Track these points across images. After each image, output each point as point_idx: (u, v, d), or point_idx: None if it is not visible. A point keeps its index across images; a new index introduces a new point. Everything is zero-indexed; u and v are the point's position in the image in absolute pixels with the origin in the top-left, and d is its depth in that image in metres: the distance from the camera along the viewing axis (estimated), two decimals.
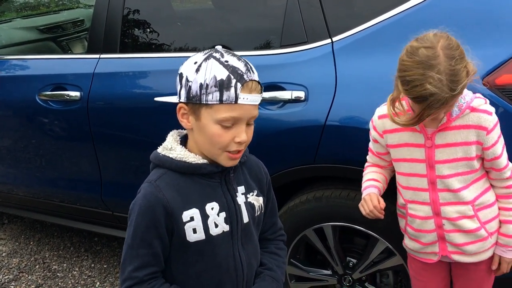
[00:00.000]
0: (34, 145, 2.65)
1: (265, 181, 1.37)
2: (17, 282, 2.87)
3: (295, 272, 2.19)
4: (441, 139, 1.50)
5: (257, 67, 2.00)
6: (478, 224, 1.55)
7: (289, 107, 1.91)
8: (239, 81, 1.12)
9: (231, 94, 1.12)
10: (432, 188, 1.55)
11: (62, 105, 2.43)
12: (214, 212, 1.21)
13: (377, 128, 1.61)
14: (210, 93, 1.12)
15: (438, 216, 1.56)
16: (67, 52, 3.64)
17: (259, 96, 1.18)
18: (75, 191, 2.68)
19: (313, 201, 1.99)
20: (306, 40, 1.94)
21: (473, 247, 1.57)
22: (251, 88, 1.15)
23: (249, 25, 2.23)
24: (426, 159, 1.52)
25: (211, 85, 1.12)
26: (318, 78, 1.89)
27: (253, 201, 1.30)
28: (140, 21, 2.42)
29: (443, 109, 1.38)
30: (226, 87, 1.11)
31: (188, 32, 2.46)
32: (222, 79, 1.12)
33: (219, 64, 1.13)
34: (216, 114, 1.14)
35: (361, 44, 1.85)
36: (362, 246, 2.10)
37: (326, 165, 1.94)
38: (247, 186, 1.30)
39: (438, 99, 1.32)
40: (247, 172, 1.33)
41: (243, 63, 1.16)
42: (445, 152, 1.50)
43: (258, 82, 1.17)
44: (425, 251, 1.64)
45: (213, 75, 1.12)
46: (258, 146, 2.01)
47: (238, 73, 1.13)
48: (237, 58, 1.16)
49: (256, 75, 1.17)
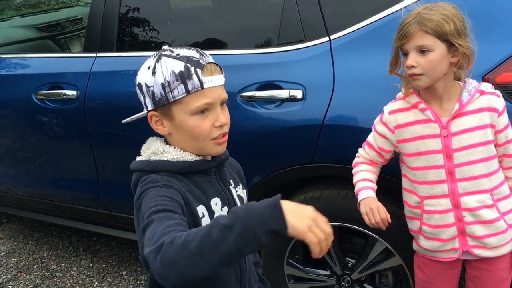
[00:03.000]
0: (32, 144, 2.64)
1: (244, 177, 1.40)
2: (15, 281, 2.86)
3: (293, 272, 2.17)
4: (456, 126, 1.50)
5: (255, 66, 2.02)
6: (498, 214, 1.53)
7: (286, 106, 1.89)
8: (198, 67, 1.12)
9: (195, 82, 1.11)
10: (450, 179, 1.53)
11: (59, 104, 2.42)
12: (218, 207, 1.20)
13: (388, 123, 1.60)
14: (174, 89, 1.12)
15: (458, 208, 1.53)
16: (66, 50, 3.63)
17: (222, 76, 1.17)
18: (73, 190, 2.66)
19: (311, 201, 1.97)
20: (303, 38, 1.92)
21: (493, 240, 1.54)
22: (212, 70, 1.14)
23: (247, 23, 2.21)
24: (443, 148, 1.51)
25: (172, 80, 1.11)
26: (316, 76, 1.87)
27: (241, 194, 1.32)
28: (137, 19, 2.40)
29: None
30: (187, 77, 1.11)
31: (185, 30, 2.44)
32: (181, 71, 1.11)
33: (172, 59, 1.13)
34: (188, 106, 1.13)
35: (359, 42, 1.83)
36: (361, 247, 2.08)
37: (324, 164, 1.92)
38: (234, 180, 1.32)
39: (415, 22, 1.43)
40: (230, 168, 1.35)
41: (195, 50, 1.16)
42: (462, 138, 1.49)
43: (216, 64, 1.17)
44: (444, 248, 1.60)
45: (171, 70, 1.12)
46: (255, 145, 2.00)
47: (193, 61, 1.13)
48: (187, 48, 1.16)
49: (211, 58, 1.17)
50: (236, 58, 2.05)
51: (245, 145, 1.99)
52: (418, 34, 1.44)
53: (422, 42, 1.44)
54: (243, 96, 1.94)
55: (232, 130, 2.01)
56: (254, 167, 2.02)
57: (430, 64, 1.44)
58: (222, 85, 1.18)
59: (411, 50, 1.46)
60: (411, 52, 1.47)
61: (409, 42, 1.46)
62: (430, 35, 1.43)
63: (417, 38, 1.44)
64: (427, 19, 1.43)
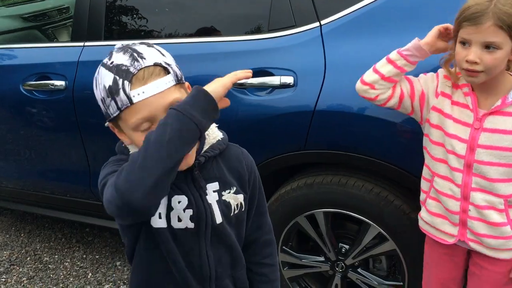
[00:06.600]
0: (21, 136, 2.60)
1: (247, 177, 1.20)
2: (8, 274, 2.84)
3: (287, 259, 2.17)
4: (490, 123, 1.41)
5: (245, 52, 2.00)
6: (505, 220, 1.45)
7: (278, 93, 1.88)
8: (126, 79, 0.98)
9: (123, 98, 0.98)
10: (467, 171, 1.45)
11: (47, 95, 2.38)
12: (180, 206, 1.09)
13: (439, 84, 1.50)
14: (109, 106, 1.01)
15: (466, 201, 1.47)
16: (53, 40, 3.57)
17: (161, 81, 1.00)
18: (64, 182, 2.64)
19: (304, 188, 1.96)
20: (294, 24, 1.90)
21: (493, 242, 1.48)
22: (145, 78, 0.99)
23: (237, 10, 2.18)
24: (469, 140, 1.43)
25: (105, 96, 1.01)
26: (307, 62, 1.85)
27: (229, 200, 1.15)
28: (124, 7, 2.36)
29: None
30: (115, 92, 0.99)
31: (174, 18, 2.40)
32: (109, 85, 0.99)
33: (105, 69, 1.01)
34: (127, 123, 1.02)
35: (351, 27, 1.81)
36: (354, 232, 2.08)
37: (316, 151, 1.91)
38: (222, 182, 1.15)
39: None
40: (225, 166, 1.17)
41: (128, 55, 1.01)
42: (492, 138, 1.40)
43: (156, 65, 1.01)
44: (442, 228, 1.55)
45: (103, 85, 1.01)
46: (247, 133, 1.99)
47: (122, 70, 0.99)
48: (123, 52, 1.02)
49: (150, 59, 1.01)
50: (226, 45, 2.02)
51: (237, 133, 1.97)
52: (491, 28, 1.27)
53: (493, 38, 1.28)
54: (234, 83, 1.92)
55: (224, 118, 1.99)
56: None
57: (494, 62, 1.30)
58: (168, 88, 1.01)
59: (475, 44, 1.31)
60: (475, 45, 1.31)
61: (476, 34, 1.30)
62: (504, 32, 1.27)
63: (488, 32, 1.28)
64: (505, 13, 1.26)
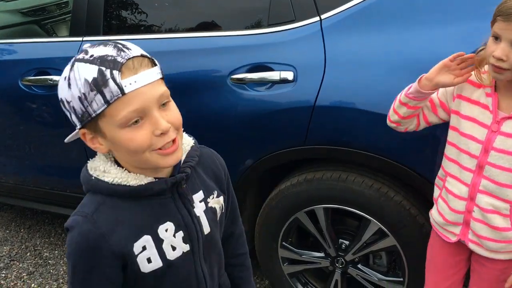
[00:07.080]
0: (21, 132, 2.60)
1: (223, 176, 1.19)
2: (8, 270, 2.84)
3: (287, 255, 2.17)
4: (508, 127, 1.37)
5: (245, 47, 1.98)
6: (509, 225, 1.44)
7: (277, 88, 1.87)
8: (114, 68, 0.90)
9: (113, 88, 0.89)
10: (478, 172, 1.44)
11: (46, 90, 2.37)
12: (169, 234, 1.03)
13: (456, 88, 1.47)
14: (92, 101, 0.91)
15: (472, 201, 1.46)
16: (52, 35, 3.56)
17: (151, 71, 0.94)
18: (64, 177, 2.63)
19: (304, 184, 1.95)
20: (294, 19, 1.88)
21: (494, 245, 1.47)
22: (136, 67, 0.92)
23: (236, 4, 2.16)
24: (485, 141, 1.40)
25: (87, 91, 0.90)
26: (307, 57, 1.84)
27: (214, 205, 1.14)
28: (124, 1, 2.34)
29: None
30: (102, 84, 0.89)
31: (173, 12, 2.38)
32: (94, 77, 0.89)
33: (84, 64, 0.91)
34: (114, 119, 0.92)
35: (351, 21, 1.80)
36: (354, 228, 2.07)
37: (316, 146, 1.90)
38: (205, 189, 1.12)
39: None
40: (203, 172, 1.14)
41: (112, 46, 0.93)
42: (506, 142, 1.38)
43: (143, 56, 0.95)
44: (446, 228, 1.56)
45: (83, 79, 0.90)
46: (247, 128, 1.98)
47: (108, 61, 0.90)
48: (104, 44, 0.94)
49: (136, 50, 0.95)
50: (226, 40, 2.01)
51: (237, 128, 1.96)
52: None
53: None
54: (233, 78, 1.91)
55: (223, 113, 1.97)
56: (245, 150, 2.00)
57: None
58: (157, 80, 0.95)
59: (504, 40, 1.27)
60: (504, 41, 1.27)
61: (507, 30, 1.26)
62: None
63: None
64: None
